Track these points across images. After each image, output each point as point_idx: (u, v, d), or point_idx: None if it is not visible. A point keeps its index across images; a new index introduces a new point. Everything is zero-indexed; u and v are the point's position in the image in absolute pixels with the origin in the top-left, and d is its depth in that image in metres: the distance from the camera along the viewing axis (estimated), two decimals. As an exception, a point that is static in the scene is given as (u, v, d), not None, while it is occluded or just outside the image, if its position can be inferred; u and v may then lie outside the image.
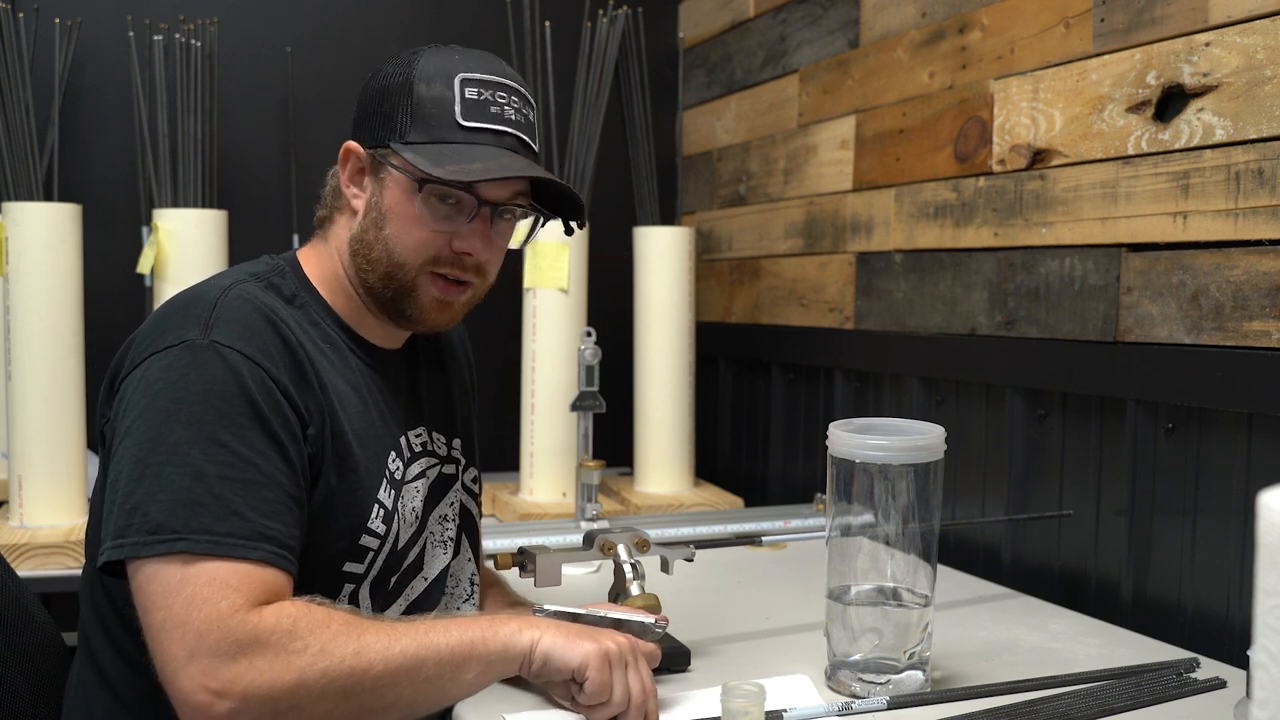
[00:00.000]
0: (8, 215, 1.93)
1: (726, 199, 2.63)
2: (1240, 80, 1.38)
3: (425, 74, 1.13)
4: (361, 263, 1.17)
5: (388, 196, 1.15)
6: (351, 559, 1.14)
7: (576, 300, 2.22)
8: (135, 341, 1.10)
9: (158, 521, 0.97)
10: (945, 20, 1.91)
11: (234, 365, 1.04)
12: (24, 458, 1.91)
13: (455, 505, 1.30)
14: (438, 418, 1.30)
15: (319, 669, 0.96)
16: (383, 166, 1.15)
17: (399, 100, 1.14)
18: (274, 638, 0.95)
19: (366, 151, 1.16)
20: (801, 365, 2.36)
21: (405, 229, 1.15)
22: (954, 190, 1.88)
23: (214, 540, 0.97)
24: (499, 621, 1.06)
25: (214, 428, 1.01)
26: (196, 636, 0.94)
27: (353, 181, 1.18)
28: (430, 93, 1.13)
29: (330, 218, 1.22)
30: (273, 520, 1.01)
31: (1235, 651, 1.35)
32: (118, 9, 2.26)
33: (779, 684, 1.20)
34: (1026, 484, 1.75)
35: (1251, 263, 1.38)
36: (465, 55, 1.16)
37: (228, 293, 1.10)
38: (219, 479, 0.99)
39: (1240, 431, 1.41)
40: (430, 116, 1.12)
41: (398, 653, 0.99)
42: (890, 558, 1.20)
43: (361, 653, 0.98)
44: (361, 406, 1.16)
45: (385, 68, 1.17)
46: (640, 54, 2.34)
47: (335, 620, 0.99)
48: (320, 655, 0.96)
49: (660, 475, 2.32)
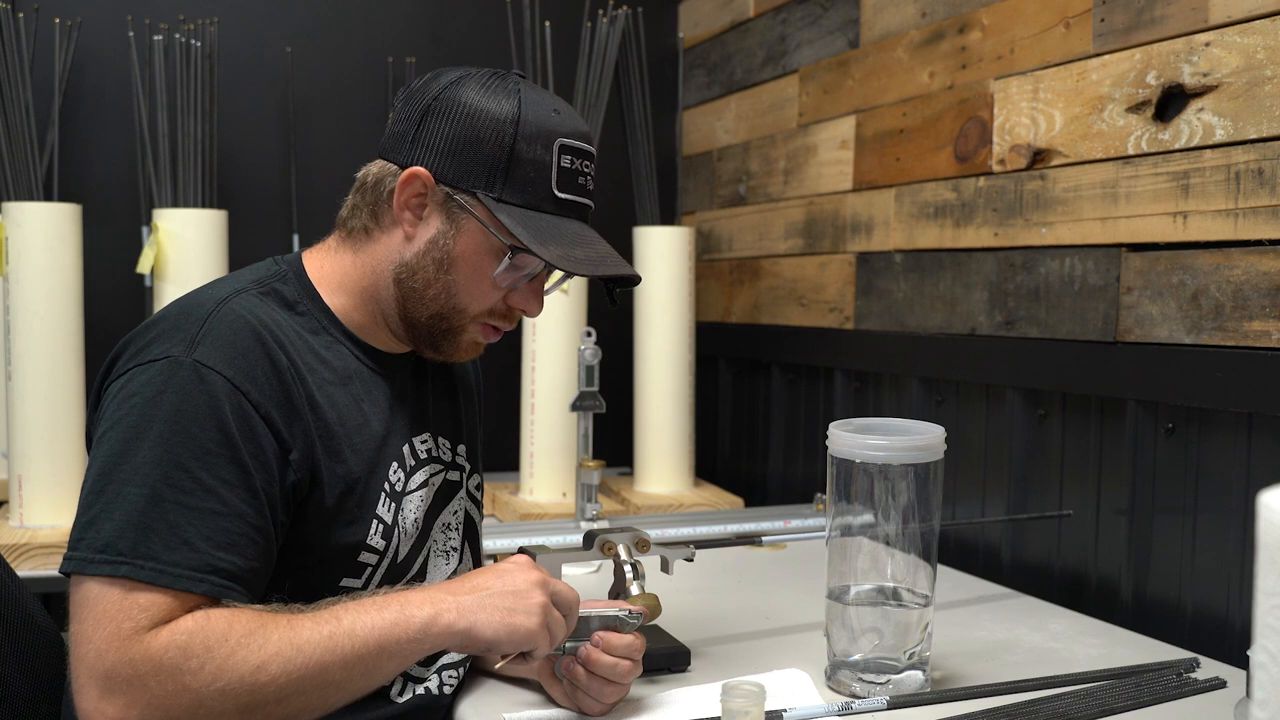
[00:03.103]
0: (8, 215, 1.93)
1: (726, 199, 2.64)
2: (1240, 80, 1.38)
3: (528, 132, 1.10)
4: (410, 294, 1.14)
5: (462, 244, 1.12)
6: (349, 575, 1.12)
7: (576, 300, 2.22)
8: (126, 347, 1.08)
9: (106, 540, 0.96)
10: (945, 20, 1.91)
11: (212, 388, 1.02)
12: (24, 458, 1.91)
13: (459, 514, 1.28)
14: (444, 423, 1.28)
15: (216, 689, 0.93)
16: (464, 212, 1.11)
17: (496, 151, 1.10)
18: (167, 657, 0.93)
19: (443, 188, 1.12)
20: (801, 365, 2.36)
21: (474, 281, 1.13)
22: (954, 190, 1.88)
23: (158, 570, 0.95)
24: (410, 606, 1.01)
25: (179, 451, 0.99)
26: (96, 657, 0.93)
27: (412, 208, 1.13)
28: (531, 154, 1.10)
29: (369, 231, 1.17)
30: (227, 552, 0.99)
31: (1235, 651, 1.35)
32: (118, 9, 2.26)
33: (774, 678, 1.20)
34: (1026, 484, 1.75)
35: (1251, 263, 1.38)
36: (560, 110, 1.13)
37: (221, 307, 1.07)
38: (175, 505, 0.97)
39: (1240, 431, 1.41)
40: (528, 180, 1.10)
41: (300, 663, 0.95)
42: (890, 558, 1.20)
43: (263, 667, 0.94)
44: (361, 419, 1.14)
45: (468, 94, 1.11)
46: (640, 54, 2.34)
47: (236, 631, 0.95)
48: (217, 674, 0.93)
49: (660, 475, 2.32)
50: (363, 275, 1.17)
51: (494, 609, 1.02)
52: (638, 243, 2.36)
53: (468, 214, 1.11)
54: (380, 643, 0.98)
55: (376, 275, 1.16)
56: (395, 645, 0.99)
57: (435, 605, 1.01)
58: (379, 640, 0.98)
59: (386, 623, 0.99)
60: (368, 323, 1.18)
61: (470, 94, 1.11)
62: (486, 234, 1.11)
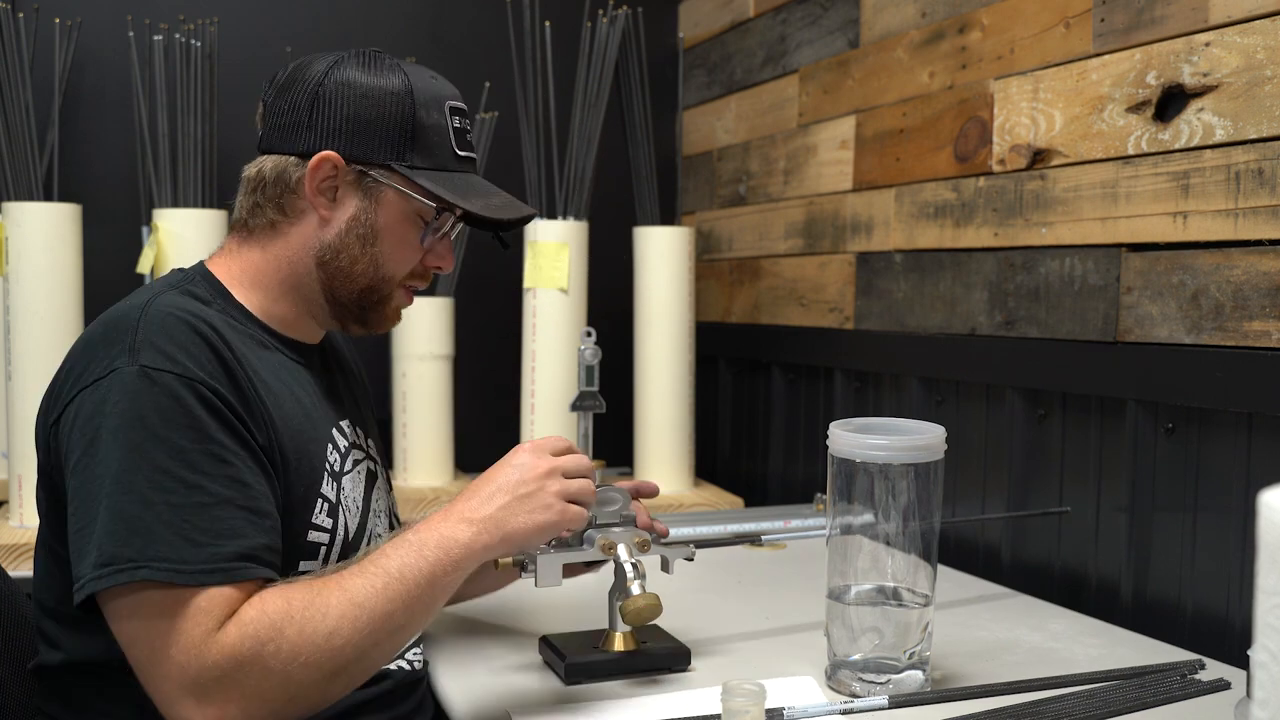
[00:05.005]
0: (8, 215, 1.93)
1: (726, 199, 2.64)
2: (1240, 80, 1.38)
3: (423, 99, 1.16)
4: (336, 273, 1.17)
5: (384, 215, 1.16)
6: (305, 557, 1.13)
7: (576, 300, 2.22)
8: (63, 380, 1.07)
9: (112, 553, 0.96)
10: (945, 20, 1.91)
11: (167, 388, 1.01)
12: (24, 458, 1.91)
13: (383, 503, 1.29)
14: (354, 414, 1.29)
15: (299, 664, 0.97)
16: (380, 185, 1.15)
17: (399, 123, 1.15)
18: (244, 649, 0.95)
19: (354, 167, 1.15)
20: (801, 365, 2.36)
21: (398, 249, 1.18)
22: (954, 190, 1.88)
23: (173, 568, 0.96)
24: (446, 539, 1.05)
25: (154, 454, 0.99)
26: (179, 670, 0.95)
27: (324, 192, 1.15)
28: (429, 120, 1.16)
29: (275, 225, 1.18)
30: (228, 540, 0.99)
31: (1235, 651, 1.35)
32: (118, 9, 2.26)
33: (782, 684, 1.20)
34: (1026, 484, 1.75)
35: (1251, 263, 1.38)
36: (437, 77, 1.20)
37: (147, 310, 1.07)
38: (167, 506, 0.98)
39: (1240, 431, 1.41)
40: (433, 145, 1.16)
41: (366, 620, 0.99)
42: (890, 557, 1.20)
43: (335, 632, 0.98)
44: (295, 404, 1.15)
45: (354, 75, 1.15)
46: (640, 54, 2.34)
47: (295, 605, 0.98)
48: (295, 650, 0.97)
49: (660, 475, 2.32)
50: (278, 268, 1.19)
51: (517, 513, 1.08)
52: (638, 243, 2.36)
53: (385, 186, 1.16)
54: (431, 578, 1.03)
55: (294, 264, 1.18)
56: (445, 577, 1.04)
57: (469, 530, 1.06)
58: (429, 577, 1.03)
59: (432, 560, 1.04)
60: (288, 314, 1.20)
61: (355, 75, 1.15)
62: (405, 202, 1.16)
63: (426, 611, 1.05)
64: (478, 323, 2.50)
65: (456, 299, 2.35)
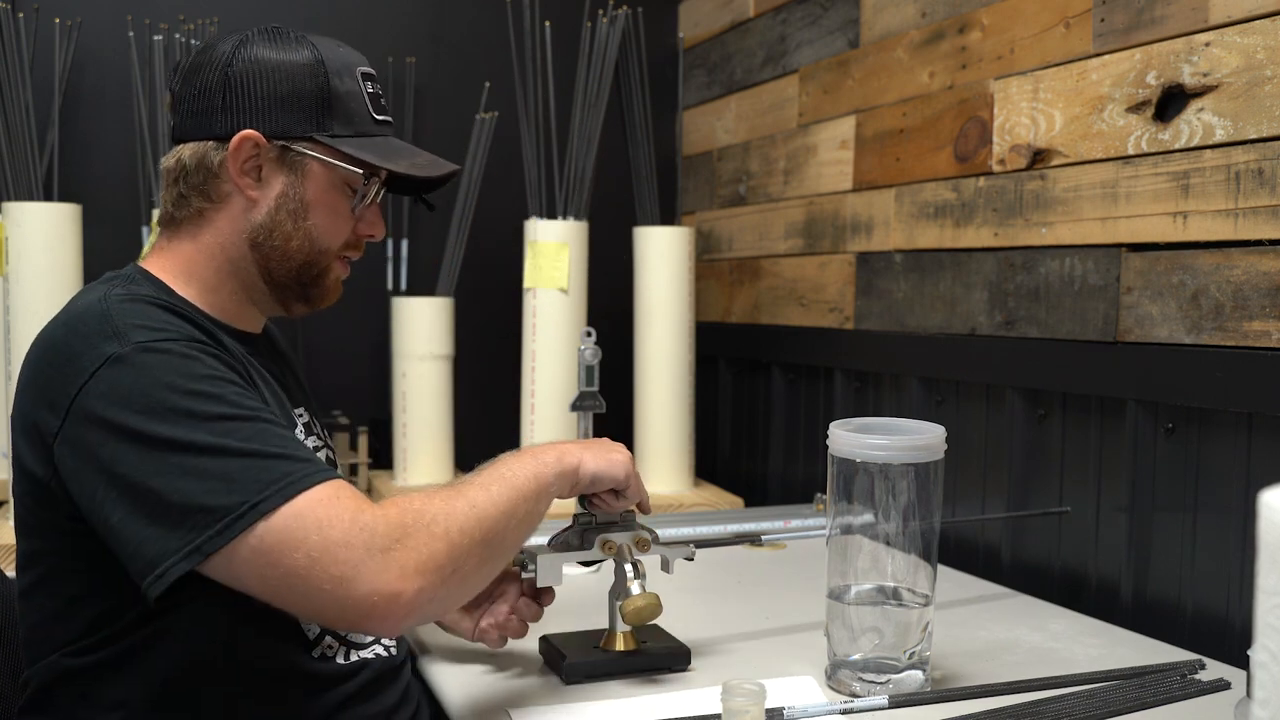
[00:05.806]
0: (8, 215, 1.93)
1: (726, 199, 2.64)
2: (1240, 80, 1.38)
3: (335, 69, 1.16)
4: (271, 253, 1.16)
5: (312, 188, 1.15)
6: None
7: (576, 300, 2.22)
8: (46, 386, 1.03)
9: (224, 505, 0.95)
10: (945, 20, 1.91)
11: (174, 352, 1.01)
12: (24, 458, 1.91)
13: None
14: (305, 401, 1.30)
15: (456, 528, 1.01)
16: (305, 158, 1.14)
17: (316, 95, 1.14)
18: (406, 519, 0.99)
19: (276, 143, 1.14)
20: (801, 365, 2.36)
21: (330, 220, 1.18)
22: (954, 190, 1.88)
23: (279, 487, 0.96)
24: (541, 453, 1.14)
25: (199, 409, 0.98)
26: (347, 548, 0.95)
27: (248, 172, 1.14)
28: (344, 88, 1.16)
29: (203, 213, 1.15)
30: (300, 449, 1.01)
31: (1235, 652, 1.35)
32: (118, 9, 2.26)
33: (783, 684, 1.20)
34: (1026, 484, 1.75)
35: (1251, 263, 1.38)
36: (342, 45, 1.20)
37: (108, 302, 1.05)
38: (240, 445, 0.97)
39: (1240, 431, 1.41)
40: (351, 113, 1.17)
41: (492, 501, 1.05)
42: (890, 557, 1.20)
43: (474, 505, 1.04)
44: (267, 389, 1.16)
45: (263, 53, 1.13)
46: (640, 54, 2.34)
47: (427, 493, 1.04)
48: (449, 519, 1.01)
49: (660, 475, 2.32)
50: (211, 257, 1.17)
51: (594, 450, 1.19)
52: (638, 243, 2.36)
53: (309, 158, 1.15)
54: (536, 481, 1.11)
55: (227, 250, 1.16)
56: (542, 485, 1.12)
57: (554, 451, 1.16)
58: (535, 481, 1.11)
59: (532, 469, 1.12)
60: (229, 304, 1.19)
61: (265, 52, 1.15)
62: (331, 172, 1.16)
63: (530, 516, 1.10)
64: (478, 323, 2.50)
65: (456, 299, 2.35)
